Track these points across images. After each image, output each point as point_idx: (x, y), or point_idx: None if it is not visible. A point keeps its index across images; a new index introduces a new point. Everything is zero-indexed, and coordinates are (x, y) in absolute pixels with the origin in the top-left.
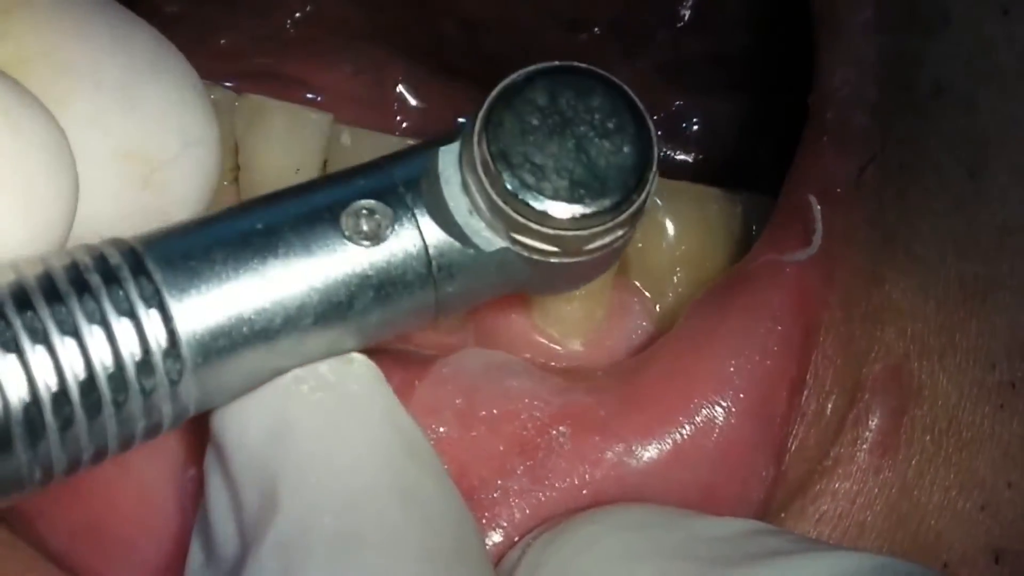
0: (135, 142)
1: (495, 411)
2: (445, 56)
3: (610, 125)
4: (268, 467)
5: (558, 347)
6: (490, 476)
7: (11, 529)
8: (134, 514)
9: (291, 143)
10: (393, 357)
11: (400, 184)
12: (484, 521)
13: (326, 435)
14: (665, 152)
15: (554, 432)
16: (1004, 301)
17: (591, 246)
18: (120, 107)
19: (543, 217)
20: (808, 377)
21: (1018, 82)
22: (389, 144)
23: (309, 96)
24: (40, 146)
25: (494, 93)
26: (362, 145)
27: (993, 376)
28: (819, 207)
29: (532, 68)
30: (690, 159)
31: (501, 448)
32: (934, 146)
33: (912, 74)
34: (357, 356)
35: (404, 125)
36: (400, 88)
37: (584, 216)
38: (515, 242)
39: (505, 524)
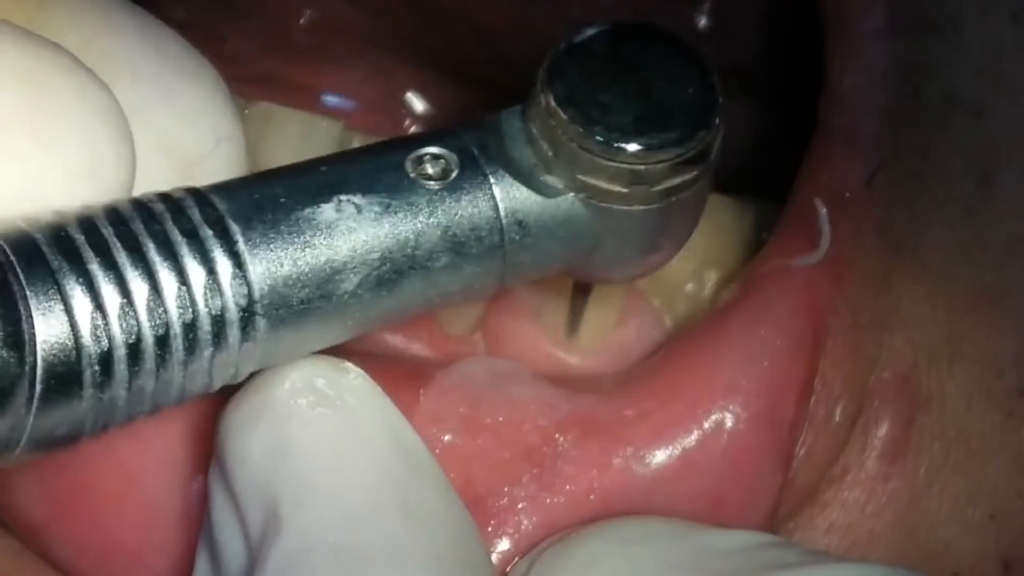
0: (173, 136)
1: (501, 419)
2: (456, 62)
3: (672, 70)
4: (270, 485)
5: (568, 356)
6: (497, 484)
7: (19, 540)
8: (141, 526)
9: (302, 150)
10: (398, 366)
11: (465, 137)
12: (491, 529)
13: (326, 451)
14: None
15: (561, 439)
16: (1012, 309)
17: (659, 187)
18: (157, 101)
19: (609, 150)
20: (816, 383)
21: None
22: None
23: (317, 100)
24: (104, 112)
25: (556, 47)
26: None
27: (1001, 384)
28: (825, 211)
29: (594, 25)
30: None
31: (507, 455)
32: (943, 153)
33: (922, 81)
34: (352, 367)
35: (413, 130)
36: (410, 94)
37: (650, 148)
38: (581, 188)
39: (512, 532)
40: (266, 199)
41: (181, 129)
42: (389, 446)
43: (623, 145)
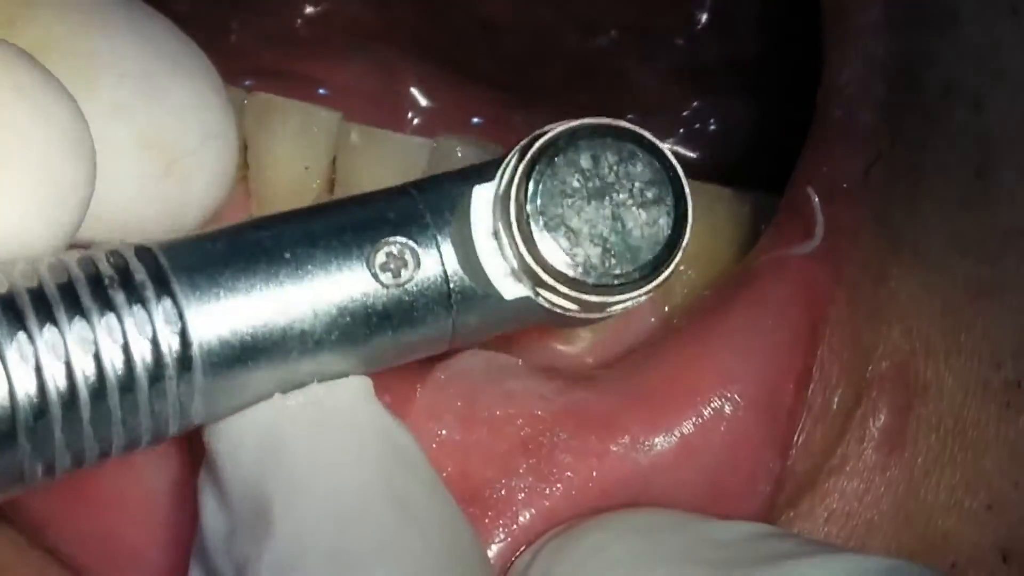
0: (156, 132)
1: (497, 412)
2: (458, 56)
3: (649, 195)
4: (261, 485)
5: (565, 348)
6: (494, 476)
7: (22, 533)
8: (143, 522)
9: (300, 141)
10: None
11: (428, 215)
12: (489, 521)
13: (317, 451)
14: (681, 152)
15: (557, 429)
16: (1010, 301)
17: (613, 309)
18: (142, 98)
19: (571, 282)
20: (814, 371)
21: None
22: (399, 142)
23: (319, 93)
24: (64, 133)
25: (536, 146)
26: (371, 143)
27: (999, 375)
28: (817, 199)
29: (576, 123)
30: (706, 159)
31: (504, 448)
32: (942, 145)
33: (921, 73)
34: None
35: (415, 123)
36: (411, 87)
37: (611, 287)
38: (538, 294)
39: (511, 523)
40: (221, 275)
41: (166, 125)
42: (379, 444)
43: (584, 281)
